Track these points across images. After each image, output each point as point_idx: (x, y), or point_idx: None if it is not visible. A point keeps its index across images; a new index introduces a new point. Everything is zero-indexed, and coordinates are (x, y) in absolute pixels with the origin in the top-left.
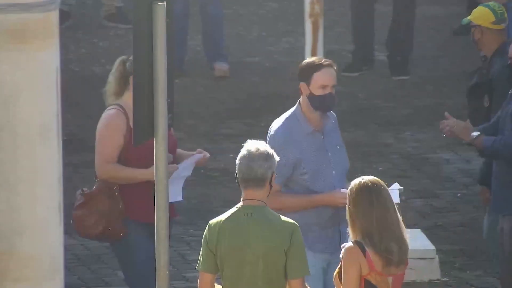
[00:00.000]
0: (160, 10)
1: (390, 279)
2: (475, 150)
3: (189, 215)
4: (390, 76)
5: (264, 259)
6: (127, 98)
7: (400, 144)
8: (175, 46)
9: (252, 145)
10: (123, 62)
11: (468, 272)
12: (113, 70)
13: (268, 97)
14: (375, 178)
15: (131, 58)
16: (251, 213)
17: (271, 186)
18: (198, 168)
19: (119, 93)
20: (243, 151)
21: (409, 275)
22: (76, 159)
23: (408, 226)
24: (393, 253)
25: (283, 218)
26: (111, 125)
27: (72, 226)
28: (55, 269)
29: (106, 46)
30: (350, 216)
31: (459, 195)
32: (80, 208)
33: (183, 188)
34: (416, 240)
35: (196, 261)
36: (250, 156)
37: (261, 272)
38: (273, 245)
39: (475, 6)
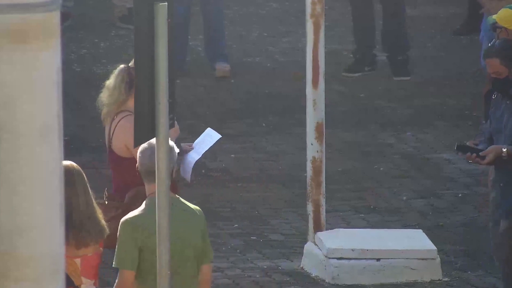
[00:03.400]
0: (162, 10)
1: (78, 260)
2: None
3: None
4: (391, 76)
5: (192, 247)
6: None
7: (401, 144)
8: (176, 46)
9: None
10: (126, 70)
11: (469, 272)
12: (118, 80)
13: (269, 97)
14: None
15: (130, 64)
16: (171, 203)
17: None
18: (198, 168)
19: (126, 100)
20: (149, 147)
21: (411, 276)
22: (77, 159)
23: (409, 226)
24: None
25: (190, 203)
26: None
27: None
28: (56, 269)
29: (107, 46)
30: None
31: (460, 195)
32: (115, 219)
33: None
34: (417, 240)
35: None
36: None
37: (192, 261)
38: (197, 231)
39: (475, 6)
